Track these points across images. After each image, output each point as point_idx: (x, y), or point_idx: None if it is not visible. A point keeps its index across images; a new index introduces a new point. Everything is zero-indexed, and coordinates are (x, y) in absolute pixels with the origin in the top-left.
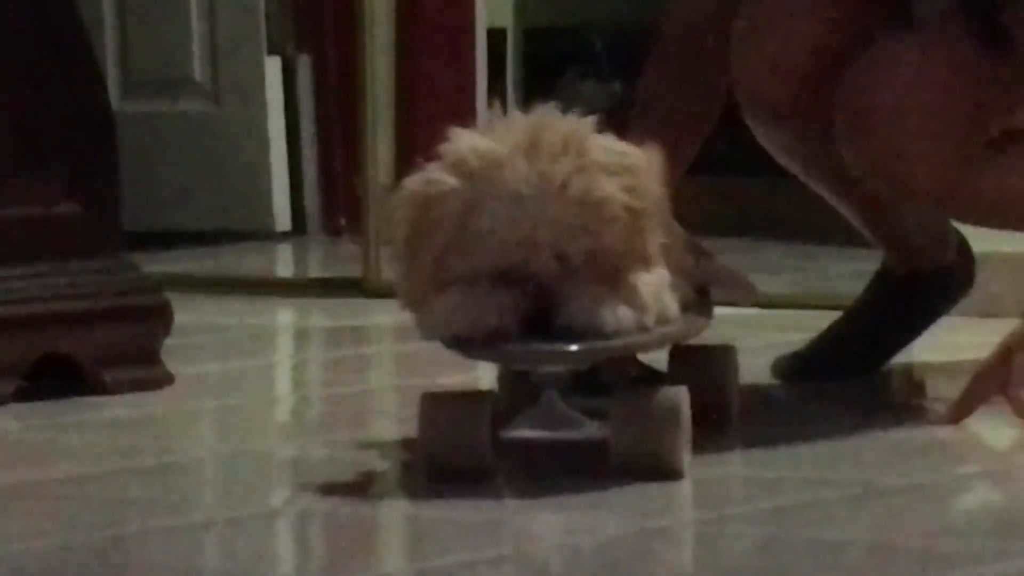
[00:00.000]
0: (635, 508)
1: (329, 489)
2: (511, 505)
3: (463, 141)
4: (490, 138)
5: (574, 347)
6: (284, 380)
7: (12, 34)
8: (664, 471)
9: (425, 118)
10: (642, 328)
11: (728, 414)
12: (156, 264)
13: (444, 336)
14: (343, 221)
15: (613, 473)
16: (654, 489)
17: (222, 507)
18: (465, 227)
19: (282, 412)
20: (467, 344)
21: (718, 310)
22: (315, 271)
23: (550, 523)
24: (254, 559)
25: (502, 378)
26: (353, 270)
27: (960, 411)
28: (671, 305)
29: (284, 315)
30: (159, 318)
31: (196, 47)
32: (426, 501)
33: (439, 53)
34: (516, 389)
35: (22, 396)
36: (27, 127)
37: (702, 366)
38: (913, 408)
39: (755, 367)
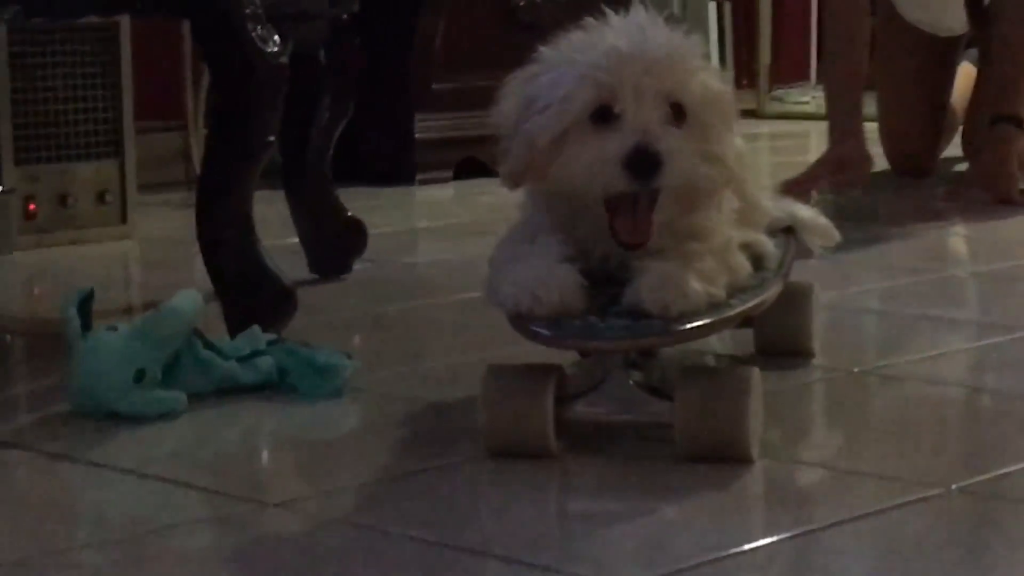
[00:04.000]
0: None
1: None
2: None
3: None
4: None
5: (644, 332)
6: None
7: None
8: (732, 457)
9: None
10: (714, 304)
11: (808, 353)
12: None
13: (508, 312)
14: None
15: (680, 458)
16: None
17: None
18: (561, 78)
19: None
20: (530, 324)
21: None
22: None
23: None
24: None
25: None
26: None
27: (798, 185)
28: (743, 265)
29: None
30: None
31: None
32: None
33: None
34: (590, 365)
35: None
36: None
37: (781, 307)
38: None
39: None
